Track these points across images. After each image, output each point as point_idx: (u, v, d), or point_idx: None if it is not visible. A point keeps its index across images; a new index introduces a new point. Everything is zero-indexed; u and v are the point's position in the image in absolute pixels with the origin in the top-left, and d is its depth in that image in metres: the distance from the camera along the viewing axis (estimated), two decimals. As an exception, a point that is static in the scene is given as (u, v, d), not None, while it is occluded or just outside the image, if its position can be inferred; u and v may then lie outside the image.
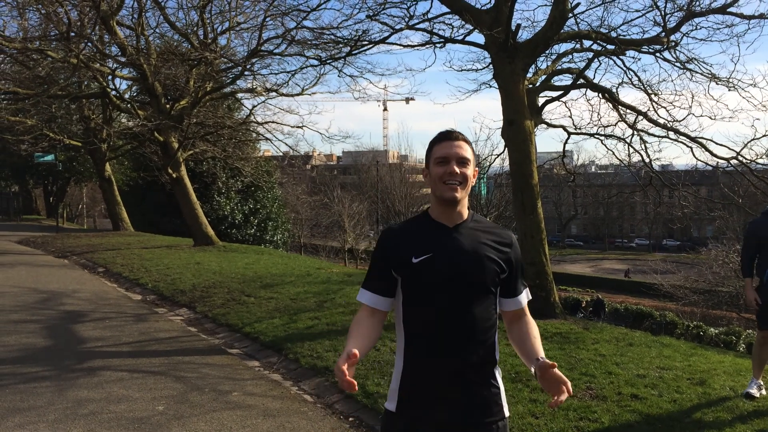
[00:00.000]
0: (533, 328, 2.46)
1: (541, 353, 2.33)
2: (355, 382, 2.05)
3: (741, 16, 10.27)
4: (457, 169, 2.32)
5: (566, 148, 13.82)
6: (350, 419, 5.34)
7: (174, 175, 17.37)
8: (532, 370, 2.31)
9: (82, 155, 28.47)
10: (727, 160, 11.07)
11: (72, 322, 9.08)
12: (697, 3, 10.30)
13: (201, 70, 16.42)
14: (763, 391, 5.34)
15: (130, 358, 7.19)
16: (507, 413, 2.40)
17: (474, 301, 2.31)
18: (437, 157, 2.36)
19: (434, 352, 2.28)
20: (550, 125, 12.30)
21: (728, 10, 10.14)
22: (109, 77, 18.45)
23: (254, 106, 26.10)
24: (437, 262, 2.30)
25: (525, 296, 2.50)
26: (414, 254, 2.32)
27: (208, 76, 16.44)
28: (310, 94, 17.61)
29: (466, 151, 2.37)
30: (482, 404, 2.30)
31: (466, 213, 2.41)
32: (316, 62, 13.36)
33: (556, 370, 2.21)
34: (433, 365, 2.29)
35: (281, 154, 24.28)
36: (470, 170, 2.36)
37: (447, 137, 2.39)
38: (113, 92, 19.28)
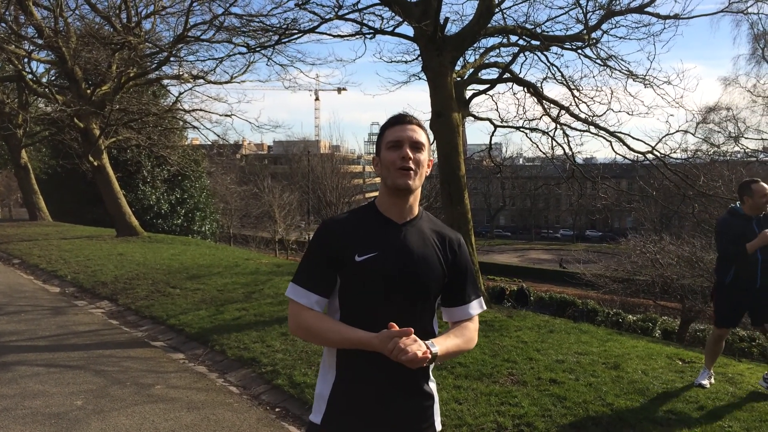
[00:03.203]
0: (464, 329, 2.20)
1: (437, 342, 2.04)
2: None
3: (657, 16, 10.75)
4: (410, 154, 2.09)
5: (494, 141, 14.15)
6: (276, 410, 5.33)
7: (95, 163, 16.75)
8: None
9: (-5, 141, 27.05)
10: (644, 154, 11.58)
11: (-16, 316, 8.67)
12: (617, 2, 10.74)
13: (124, 55, 15.87)
14: (712, 380, 5.52)
15: (47, 353, 6.93)
16: (439, 427, 2.23)
17: (419, 307, 2.13)
18: (389, 141, 2.13)
19: (371, 363, 2.04)
20: (477, 118, 12.55)
21: (645, 9, 10.60)
22: (25, 60, 17.62)
23: (181, 93, 25.25)
24: (382, 262, 2.08)
25: (477, 306, 2.26)
26: (357, 252, 2.08)
27: (132, 61, 15.91)
28: (239, 82, 17.26)
29: (421, 136, 2.15)
30: (414, 419, 2.14)
31: (417, 208, 2.20)
32: (244, 50, 13.11)
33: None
34: (369, 378, 2.08)
35: (209, 142, 23.73)
36: (425, 156, 2.14)
37: (399, 121, 2.16)
38: (29, 76, 18.38)
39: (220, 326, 7.71)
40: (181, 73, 17.47)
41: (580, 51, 11.27)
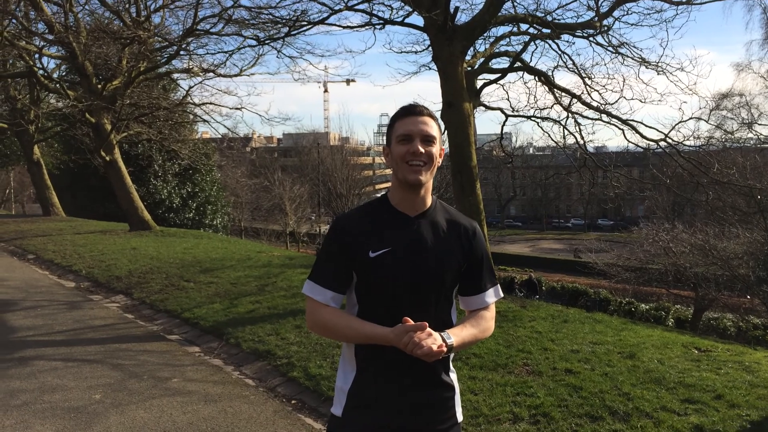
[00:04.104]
0: (480, 318, 2.22)
1: (453, 332, 2.06)
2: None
3: (669, 1, 10.63)
4: (421, 149, 2.06)
5: (505, 130, 14.06)
6: (293, 402, 5.35)
7: (107, 158, 16.83)
8: None
9: (8, 137, 27.21)
10: (657, 141, 11.49)
11: (1, 312, 8.75)
12: (629, -12, 10.59)
13: (134, 49, 15.90)
14: None
15: (65, 347, 6.99)
16: (460, 418, 2.22)
17: (434, 301, 2.12)
18: (399, 134, 2.09)
19: (390, 357, 2.03)
20: (488, 107, 12.46)
21: (658, -4, 10.47)
22: (36, 56, 17.69)
23: (191, 87, 25.46)
24: (396, 257, 2.07)
25: (493, 294, 2.27)
26: (371, 248, 2.07)
27: (142, 55, 15.94)
28: (248, 75, 17.35)
29: (432, 128, 2.10)
30: (434, 410, 2.14)
31: (429, 200, 2.18)
32: (254, 42, 13.13)
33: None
34: (387, 371, 2.08)
35: (220, 136, 23.80)
36: (436, 149, 2.12)
37: (410, 112, 2.12)
38: (41, 71, 18.50)
39: (234, 319, 7.74)
40: (190, 66, 17.50)
41: (591, 38, 11.17)
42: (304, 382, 5.60)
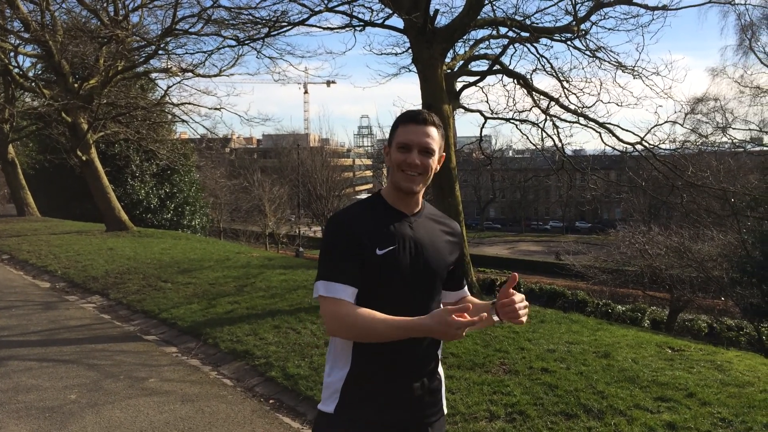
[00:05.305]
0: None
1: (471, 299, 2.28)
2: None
3: (645, 7, 10.79)
4: (417, 161, 2.07)
5: (484, 133, 14.16)
6: (270, 401, 5.35)
7: (83, 158, 16.64)
8: (494, 316, 2.04)
9: (-19, 136, 26.82)
10: (633, 145, 11.65)
11: (-26, 312, 8.63)
12: (606, -6, 10.73)
13: (111, 49, 15.73)
14: None
15: (39, 347, 6.92)
16: (445, 410, 2.27)
17: (432, 296, 2.18)
18: (399, 142, 2.09)
19: (388, 352, 2.04)
20: (467, 110, 12.56)
21: (634, 1, 10.63)
22: (12, 54, 17.45)
23: (169, 87, 25.25)
24: (400, 254, 2.07)
25: (466, 287, 2.42)
26: (378, 245, 2.05)
27: (120, 54, 15.77)
28: (228, 76, 17.28)
29: (433, 140, 2.10)
30: (428, 403, 2.16)
31: (421, 201, 2.23)
32: (233, 43, 13.08)
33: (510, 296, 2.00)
34: (385, 366, 2.07)
35: (198, 136, 23.65)
36: (434, 160, 2.12)
37: (414, 120, 2.10)
38: (16, 70, 18.22)
39: (212, 320, 7.71)
40: (169, 66, 17.36)
41: (569, 42, 11.30)
42: (282, 382, 5.60)
